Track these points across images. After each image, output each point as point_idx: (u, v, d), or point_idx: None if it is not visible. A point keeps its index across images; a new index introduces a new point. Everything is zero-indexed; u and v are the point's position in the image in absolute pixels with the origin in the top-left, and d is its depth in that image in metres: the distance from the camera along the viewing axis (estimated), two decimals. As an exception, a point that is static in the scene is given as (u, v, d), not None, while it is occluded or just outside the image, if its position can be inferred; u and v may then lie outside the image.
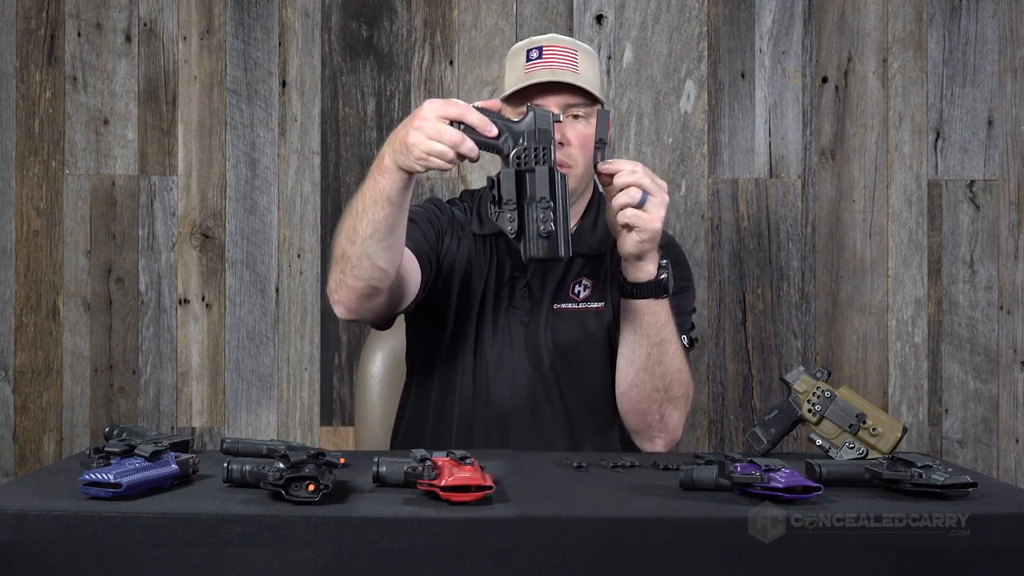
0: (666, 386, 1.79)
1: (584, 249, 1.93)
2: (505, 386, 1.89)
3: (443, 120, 1.57)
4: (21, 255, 2.63)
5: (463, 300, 1.92)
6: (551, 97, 1.85)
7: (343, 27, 2.64)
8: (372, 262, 1.71)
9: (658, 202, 1.67)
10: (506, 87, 1.89)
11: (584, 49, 1.91)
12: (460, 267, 1.93)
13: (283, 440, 1.77)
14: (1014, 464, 2.63)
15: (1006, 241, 2.63)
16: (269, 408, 2.64)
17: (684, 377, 1.81)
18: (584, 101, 1.86)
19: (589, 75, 1.88)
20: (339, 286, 1.75)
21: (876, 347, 2.63)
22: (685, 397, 1.82)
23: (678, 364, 1.79)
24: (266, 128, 2.64)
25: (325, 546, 1.22)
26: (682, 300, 1.92)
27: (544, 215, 1.57)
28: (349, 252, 1.71)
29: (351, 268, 1.72)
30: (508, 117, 1.63)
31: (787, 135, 2.63)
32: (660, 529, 1.25)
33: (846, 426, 1.61)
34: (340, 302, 1.77)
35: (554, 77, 1.84)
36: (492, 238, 1.94)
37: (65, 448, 2.63)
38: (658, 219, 1.68)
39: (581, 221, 1.96)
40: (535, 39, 1.92)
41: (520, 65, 1.88)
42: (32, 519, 1.22)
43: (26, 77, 2.63)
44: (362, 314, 1.80)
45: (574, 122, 1.86)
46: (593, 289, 1.92)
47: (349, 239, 1.70)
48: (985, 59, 2.63)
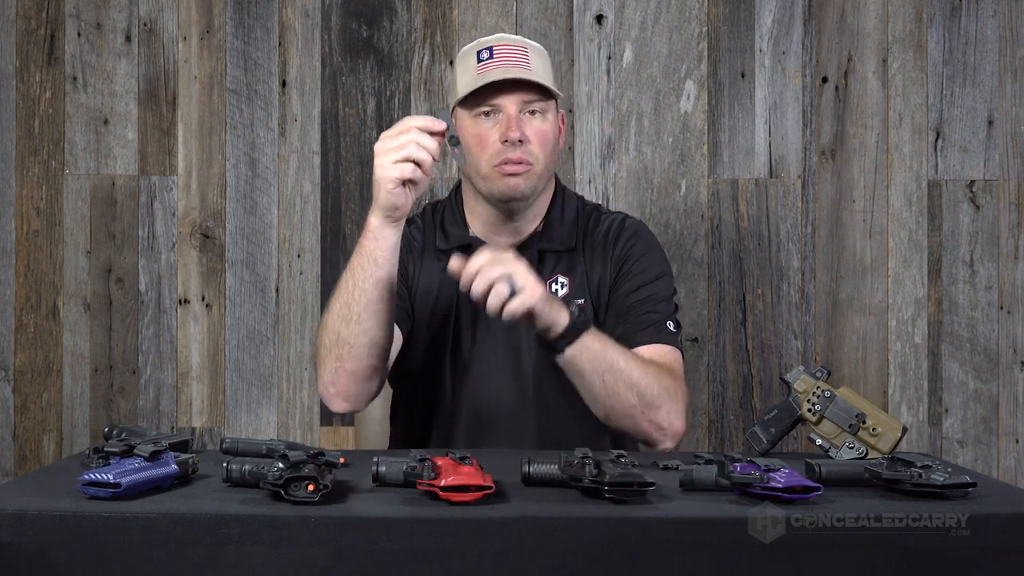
0: (638, 397, 1.74)
1: (554, 245, 1.93)
2: (489, 397, 1.89)
3: (391, 141, 1.64)
4: (21, 255, 2.63)
5: (437, 320, 1.92)
6: (505, 96, 1.84)
7: (343, 27, 2.64)
8: (370, 338, 1.72)
9: (517, 274, 1.64)
10: (459, 90, 1.89)
11: (534, 46, 1.91)
12: (427, 291, 1.93)
13: (283, 440, 1.78)
14: (1014, 464, 2.63)
15: (1006, 241, 2.63)
16: (269, 408, 2.64)
17: (655, 376, 1.77)
18: (539, 96, 1.86)
19: (541, 71, 1.88)
20: (336, 375, 1.74)
21: (876, 347, 2.63)
22: (667, 393, 1.77)
23: (639, 371, 1.75)
24: (266, 128, 2.64)
25: (325, 546, 1.22)
26: (656, 288, 1.91)
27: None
28: (345, 333, 1.72)
29: (348, 350, 1.72)
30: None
31: (787, 135, 2.63)
32: (660, 529, 1.25)
33: (846, 426, 1.61)
34: (339, 393, 1.76)
35: (507, 75, 1.84)
36: (459, 251, 1.94)
37: (65, 448, 2.63)
38: (531, 291, 1.63)
39: (547, 217, 1.95)
40: (483, 40, 1.91)
41: (471, 67, 1.88)
42: (32, 519, 1.22)
43: (26, 77, 2.63)
44: (360, 402, 1.79)
45: (531, 118, 1.86)
46: (571, 287, 1.92)
47: (344, 319, 1.71)
48: (985, 59, 2.63)
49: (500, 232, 1.94)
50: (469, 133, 1.87)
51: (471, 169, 1.87)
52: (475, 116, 1.87)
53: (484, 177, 1.87)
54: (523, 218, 1.92)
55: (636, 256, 1.93)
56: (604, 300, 1.92)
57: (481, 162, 1.86)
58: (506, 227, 1.93)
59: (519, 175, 1.85)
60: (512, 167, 1.84)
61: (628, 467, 1.32)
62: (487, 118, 1.86)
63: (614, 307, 1.91)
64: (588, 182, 2.63)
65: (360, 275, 1.71)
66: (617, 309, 1.90)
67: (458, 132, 1.90)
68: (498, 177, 1.85)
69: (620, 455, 1.36)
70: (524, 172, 1.85)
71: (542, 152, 1.86)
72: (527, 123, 1.85)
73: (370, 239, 1.70)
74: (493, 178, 1.86)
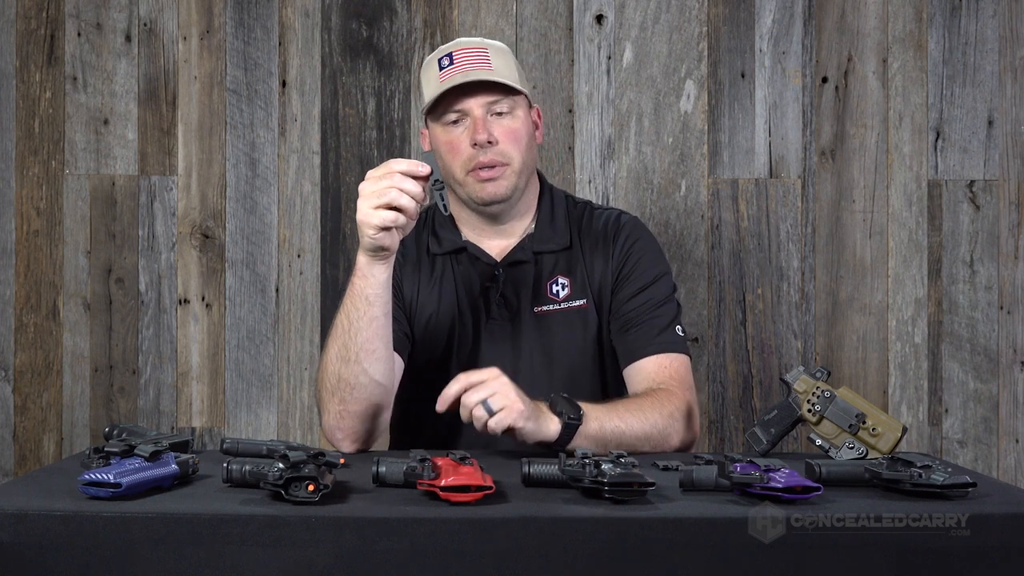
0: (649, 442, 1.75)
1: (550, 245, 1.93)
2: None
3: (374, 183, 1.62)
4: (21, 255, 2.63)
5: (436, 325, 1.92)
6: (469, 99, 1.85)
7: (343, 27, 2.64)
8: (370, 378, 1.72)
9: (494, 391, 1.61)
10: (425, 100, 1.90)
11: (495, 46, 1.91)
12: (425, 298, 1.93)
13: (283, 440, 1.78)
14: (1014, 464, 2.63)
15: (1006, 241, 2.63)
16: (269, 408, 2.64)
17: (658, 414, 1.76)
18: (503, 96, 1.86)
19: (503, 69, 1.88)
20: (340, 418, 1.74)
21: (876, 347, 2.63)
22: (672, 419, 1.78)
23: (642, 423, 1.74)
24: (266, 128, 2.64)
25: (325, 546, 1.22)
26: (658, 290, 1.91)
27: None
28: (345, 374, 1.71)
29: (350, 392, 1.72)
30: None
31: (787, 135, 2.63)
32: (660, 529, 1.25)
33: (846, 426, 1.61)
34: (346, 436, 1.75)
35: (467, 78, 1.84)
36: (453, 255, 1.94)
37: (65, 448, 2.63)
38: (510, 408, 1.60)
39: (538, 217, 1.95)
40: (443, 47, 1.92)
41: (434, 76, 1.88)
42: (32, 519, 1.22)
43: (26, 77, 2.63)
44: (368, 441, 1.79)
45: (499, 119, 1.86)
46: (572, 287, 1.92)
47: (343, 360, 1.71)
48: (985, 59, 2.63)
49: (489, 235, 1.94)
50: (441, 141, 1.88)
51: (448, 177, 1.87)
52: (444, 125, 1.88)
53: (461, 183, 1.88)
54: (509, 218, 1.92)
55: (636, 257, 1.93)
56: (606, 299, 1.92)
57: (455, 169, 1.87)
58: (494, 230, 1.93)
59: (496, 178, 1.85)
60: (486, 172, 1.85)
61: (628, 467, 1.33)
62: (455, 125, 1.87)
63: (617, 314, 1.91)
64: (588, 182, 2.63)
65: (354, 314, 1.70)
66: (621, 317, 1.90)
67: (433, 142, 1.90)
68: (474, 183, 1.86)
69: (620, 455, 1.36)
70: (500, 175, 1.85)
71: (515, 150, 1.86)
72: (495, 124, 1.85)
73: (360, 277, 1.70)
74: (469, 184, 1.86)
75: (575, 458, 1.37)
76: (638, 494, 1.30)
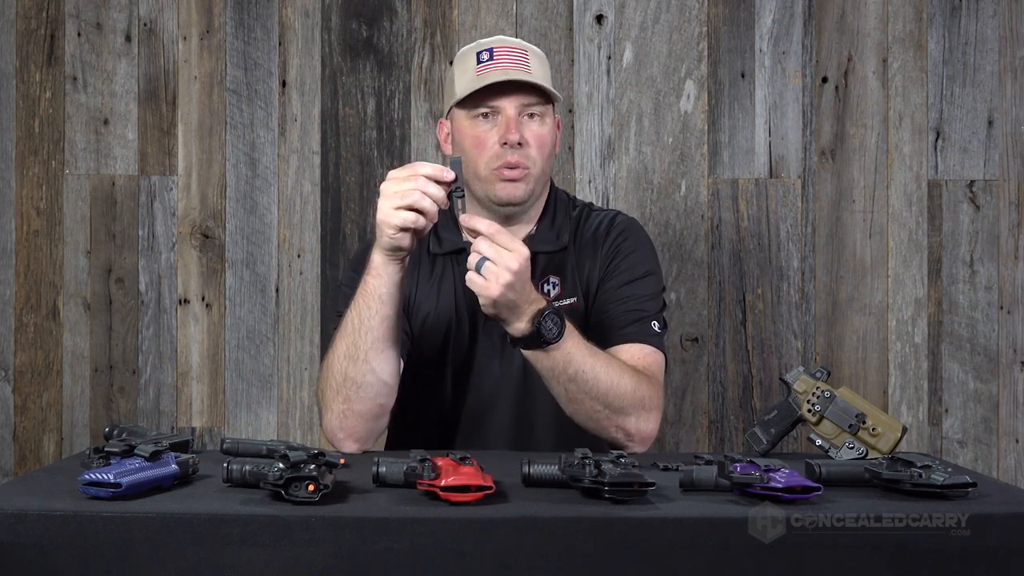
0: (606, 405, 1.72)
1: (547, 247, 1.93)
2: (489, 398, 1.89)
3: (398, 184, 1.62)
4: (21, 255, 2.63)
5: (435, 324, 1.92)
6: (505, 98, 1.84)
7: (343, 27, 2.64)
8: (377, 377, 1.72)
9: (496, 270, 1.61)
10: (458, 91, 1.87)
11: (533, 50, 1.91)
12: (425, 297, 1.93)
13: (283, 440, 1.78)
14: (1014, 464, 2.63)
15: (1006, 241, 2.63)
16: (269, 408, 2.64)
17: (630, 385, 1.74)
18: (539, 100, 1.86)
19: (540, 74, 1.87)
20: (344, 417, 1.74)
21: (876, 347, 2.63)
22: (640, 401, 1.75)
23: (607, 381, 1.72)
24: (266, 128, 2.64)
25: (325, 546, 1.22)
26: (643, 286, 1.90)
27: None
28: (352, 373, 1.71)
29: (356, 391, 1.72)
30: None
31: (787, 135, 2.63)
32: (660, 529, 1.25)
33: (846, 426, 1.61)
34: (349, 435, 1.75)
35: (507, 77, 1.83)
36: (453, 256, 1.94)
37: (65, 448, 2.63)
38: (494, 287, 1.60)
39: (539, 223, 1.95)
40: (483, 41, 1.91)
41: (471, 68, 1.87)
42: (32, 519, 1.22)
43: (26, 77, 2.63)
44: (369, 441, 1.79)
45: (530, 122, 1.86)
46: (562, 286, 1.91)
47: (351, 358, 1.71)
48: (985, 59, 2.63)
49: None
50: (467, 135, 1.87)
51: (469, 173, 1.86)
52: (473, 118, 1.86)
53: (482, 180, 1.86)
54: (518, 222, 1.92)
55: (625, 252, 1.92)
56: (595, 296, 1.92)
57: (479, 165, 1.85)
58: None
59: (517, 180, 1.85)
60: (510, 172, 1.84)
61: (628, 467, 1.33)
62: (485, 120, 1.85)
63: (599, 302, 1.90)
64: (588, 182, 2.63)
65: (366, 312, 1.70)
66: (602, 305, 1.90)
67: (456, 133, 1.90)
68: (496, 181, 1.85)
69: (620, 455, 1.37)
70: (522, 177, 1.85)
71: (540, 156, 1.86)
72: (526, 126, 1.85)
73: (374, 276, 1.69)
74: (491, 181, 1.85)
75: (575, 458, 1.37)
76: (638, 494, 1.30)
